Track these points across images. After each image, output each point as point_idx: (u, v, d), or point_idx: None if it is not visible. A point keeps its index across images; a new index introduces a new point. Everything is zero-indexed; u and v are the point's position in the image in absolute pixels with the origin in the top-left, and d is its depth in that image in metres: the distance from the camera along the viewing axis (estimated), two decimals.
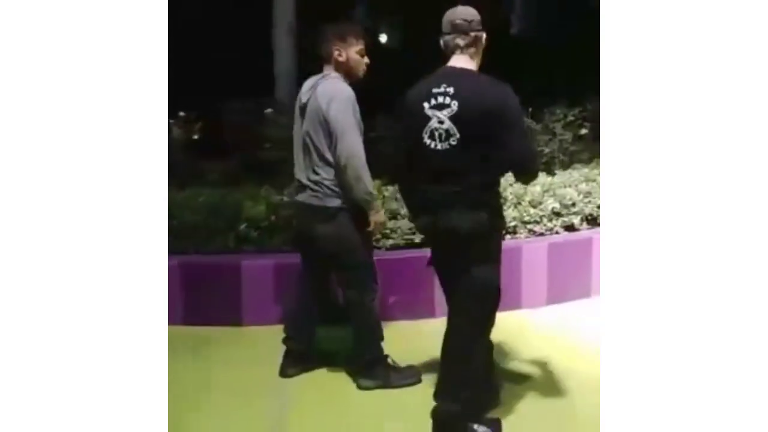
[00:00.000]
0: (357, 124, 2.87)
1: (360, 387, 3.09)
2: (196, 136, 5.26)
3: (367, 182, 2.87)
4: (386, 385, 3.06)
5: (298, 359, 3.25)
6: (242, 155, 5.12)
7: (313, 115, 2.91)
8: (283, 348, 3.29)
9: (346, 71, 2.97)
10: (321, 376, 3.26)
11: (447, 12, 2.58)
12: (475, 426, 2.57)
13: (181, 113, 5.59)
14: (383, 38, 15.24)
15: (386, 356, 3.14)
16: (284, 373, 3.23)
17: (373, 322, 3.07)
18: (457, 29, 2.54)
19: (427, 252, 4.12)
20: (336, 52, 2.95)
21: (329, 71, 2.98)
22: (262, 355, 3.47)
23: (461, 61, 2.56)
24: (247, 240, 4.07)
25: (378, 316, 3.10)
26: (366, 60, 3.01)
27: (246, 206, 4.13)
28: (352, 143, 2.82)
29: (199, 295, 3.92)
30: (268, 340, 3.65)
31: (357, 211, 2.94)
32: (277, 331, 3.73)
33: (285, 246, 4.02)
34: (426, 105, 2.49)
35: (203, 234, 4.05)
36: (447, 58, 2.59)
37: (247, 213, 4.10)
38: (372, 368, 3.07)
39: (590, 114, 6.12)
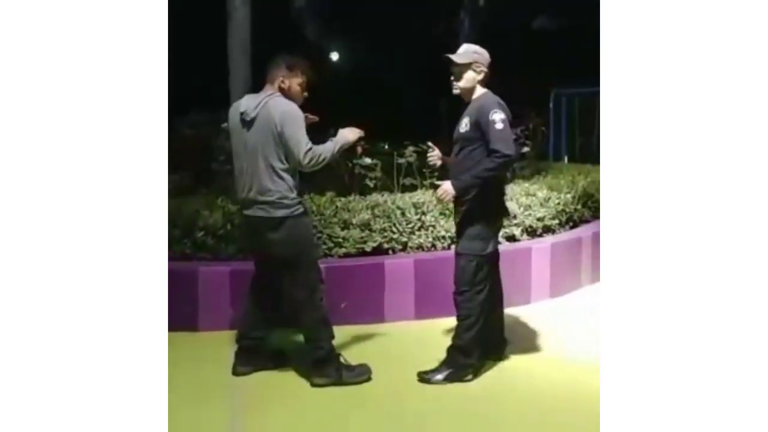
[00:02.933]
0: (304, 134, 3.09)
1: (313, 384, 3.24)
2: None
3: (330, 154, 3.13)
4: (338, 382, 3.23)
5: (250, 358, 3.41)
6: (197, 167, 5.23)
7: (264, 131, 3.08)
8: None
9: (285, 97, 3.17)
10: (275, 375, 3.40)
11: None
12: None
13: None
14: (335, 56, 15.50)
15: (338, 354, 3.31)
16: (236, 371, 3.38)
17: (322, 320, 3.24)
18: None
19: (376, 260, 4.32)
20: (280, 79, 3.17)
21: (272, 91, 3.17)
22: (218, 359, 3.58)
23: None
24: (203, 247, 4.19)
25: (327, 315, 3.26)
26: (305, 94, 3.25)
27: (203, 215, 4.26)
28: (311, 154, 3.05)
29: None
30: (224, 345, 3.78)
31: (301, 218, 3.17)
32: (232, 336, 3.87)
33: (240, 253, 4.16)
34: None
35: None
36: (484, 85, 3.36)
37: (203, 221, 4.22)
38: (324, 366, 3.24)
39: (532, 133, 6.49)
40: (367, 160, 5.29)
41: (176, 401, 3.07)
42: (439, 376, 3.28)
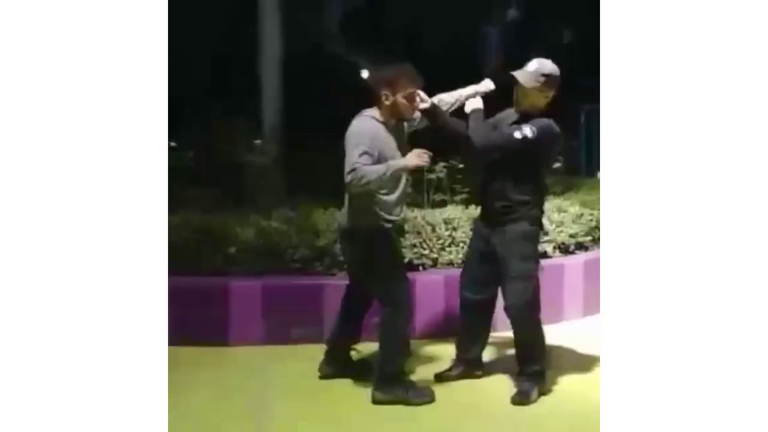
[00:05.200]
0: (361, 153, 2.95)
1: (375, 400, 3.19)
2: (187, 164, 5.42)
3: (377, 176, 2.94)
4: (402, 401, 3.17)
5: (334, 362, 3.49)
6: (230, 183, 5.29)
7: None
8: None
9: (393, 113, 3.10)
10: (310, 390, 3.40)
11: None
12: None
13: (173, 143, 5.73)
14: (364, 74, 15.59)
15: (405, 374, 3.29)
16: (321, 371, 3.49)
17: (400, 339, 3.21)
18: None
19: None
20: (383, 96, 3.06)
21: (370, 110, 3.14)
22: (247, 373, 3.62)
23: None
24: (235, 262, 4.22)
25: (407, 335, 3.27)
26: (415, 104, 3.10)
27: (235, 230, 4.29)
28: (353, 174, 2.91)
29: (187, 315, 4.03)
30: (254, 360, 3.80)
31: (379, 233, 3.15)
32: (262, 351, 3.89)
33: (272, 268, 4.18)
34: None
35: (193, 256, 4.18)
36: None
37: (235, 236, 4.25)
38: (390, 383, 3.20)
39: (563, 148, 6.42)
40: None
41: (204, 415, 3.09)
42: (534, 395, 3.26)
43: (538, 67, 3.19)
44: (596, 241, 5.10)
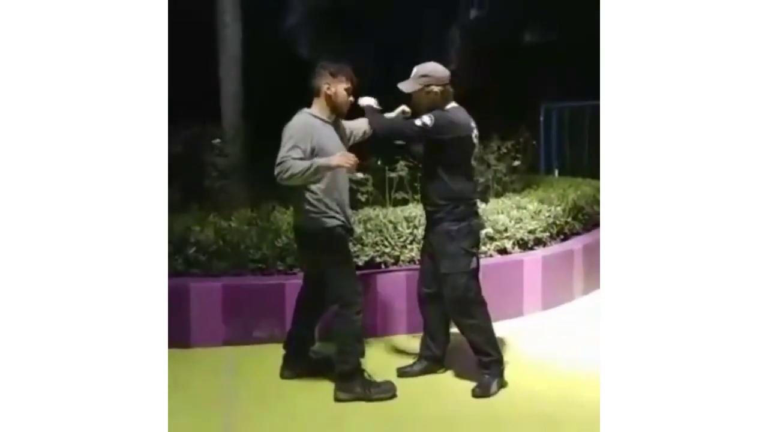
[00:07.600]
0: (291, 146, 3.05)
1: (337, 399, 3.21)
2: None
3: (301, 171, 3.01)
4: (364, 397, 3.18)
5: (294, 365, 3.49)
6: (188, 183, 5.22)
7: None
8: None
9: (332, 104, 3.22)
10: (274, 389, 3.39)
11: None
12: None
13: None
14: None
15: (363, 370, 3.29)
16: (282, 375, 3.51)
17: (354, 336, 3.24)
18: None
19: (368, 274, 4.30)
20: (326, 86, 3.20)
21: (312, 106, 3.25)
22: (209, 374, 3.59)
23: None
24: (195, 263, 4.18)
25: (360, 331, 3.28)
26: (351, 99, 3.27)
27: (194, 231, 4.25)
28: (281, 167, 3.02)
29: None
30: (215, 361, 3.76)
31: (331, 231, 3.18)
32: (225, 352, 3.86)
33: (232, 269, 4.16)
34: (473, 135, 3.32)
35: None
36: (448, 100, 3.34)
37: (195, 237, 4.21)
38: (349, 381, 3.21)
39: (522, 146, 6.52)
40: (359, 175, 5.30)
41: (169, 418, 3.05)
42: (494, 388, 3.30)
43: (417, 70, 3.36)
44: (554, 237, 5.20)
